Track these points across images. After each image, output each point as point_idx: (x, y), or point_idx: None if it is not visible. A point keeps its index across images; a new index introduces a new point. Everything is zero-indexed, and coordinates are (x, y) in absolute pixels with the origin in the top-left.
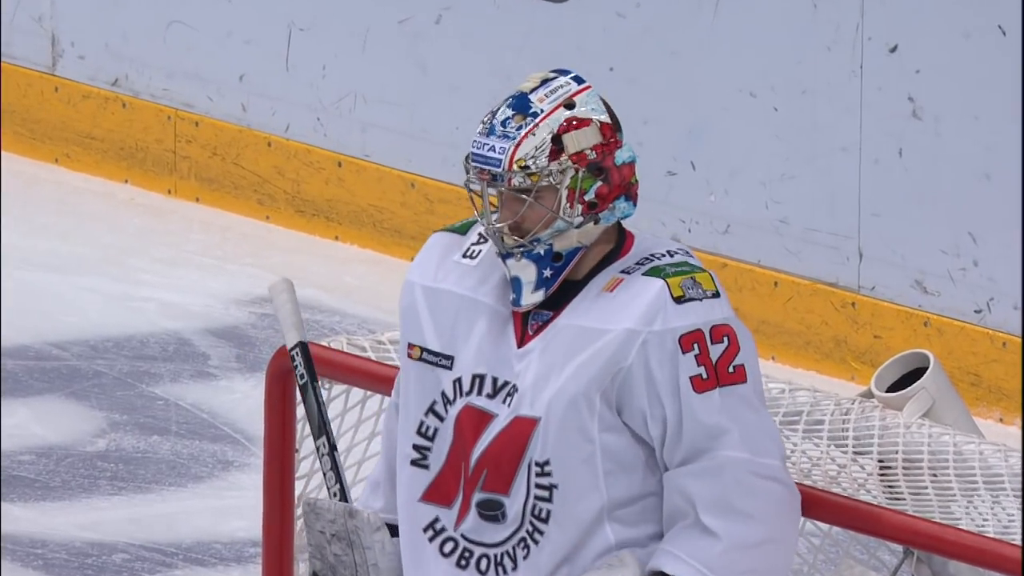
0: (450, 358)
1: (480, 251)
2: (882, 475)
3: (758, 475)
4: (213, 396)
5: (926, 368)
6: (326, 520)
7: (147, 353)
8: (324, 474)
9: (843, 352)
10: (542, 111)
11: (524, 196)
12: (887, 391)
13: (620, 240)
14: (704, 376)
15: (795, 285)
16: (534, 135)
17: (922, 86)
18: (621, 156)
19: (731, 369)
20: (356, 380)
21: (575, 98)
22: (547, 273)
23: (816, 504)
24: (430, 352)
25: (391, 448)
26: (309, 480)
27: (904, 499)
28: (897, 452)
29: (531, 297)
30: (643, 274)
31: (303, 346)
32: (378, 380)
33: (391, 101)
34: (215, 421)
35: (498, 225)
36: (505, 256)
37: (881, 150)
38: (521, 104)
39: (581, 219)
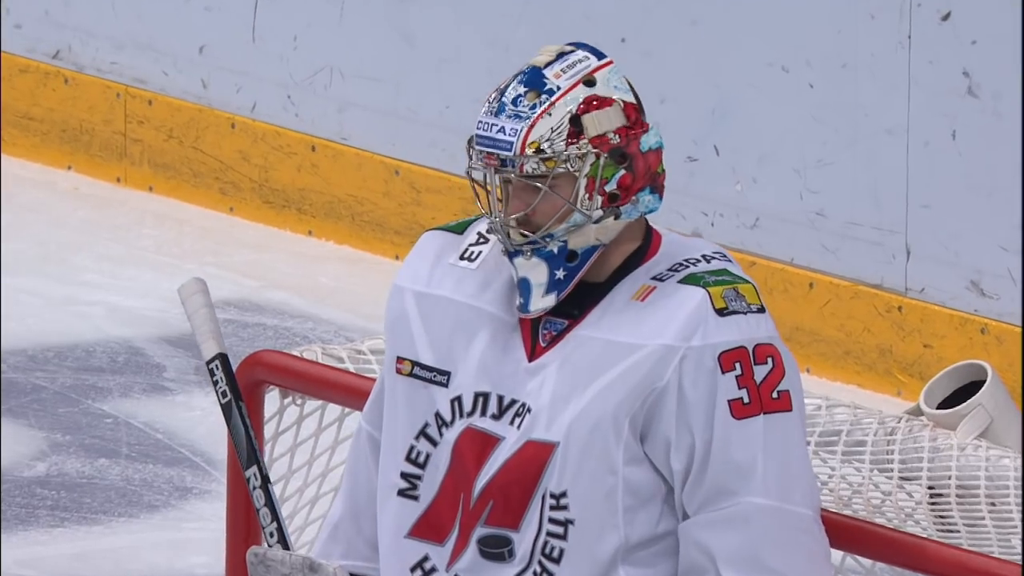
0: (446, 374)
1: (480, 253)
2: (932, 504)
3: (789, 527)
4: (169, 413)
5: (983, 382)
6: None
7: (93, 364)
8: (257, 511)
9: (888, 363)
10: (559, 88)
11: (537, 184)
12: (938, 408)
13: (647, 239)
14: (746, 401)
15: (833, 287)
16: (550, 115)
17: (979, 59)
18: (647, 141)
19: (775, 395)
20: (332, 395)
21: (595, 74)
22: (560, 274)
23: (857, 537)
24: (423, 367)
25: (357, 481)
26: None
27: (958, 531)
28: (950, 477)
29: (541, 302)
30: (679, 282)
31: (223, 359)
32: (357, 395)
33: (372, 76)
34: (171, 442)
35: (506, 218)
36: (512, 254)
37: (932, 132)
38: (535, 80)
39: (600, 212)
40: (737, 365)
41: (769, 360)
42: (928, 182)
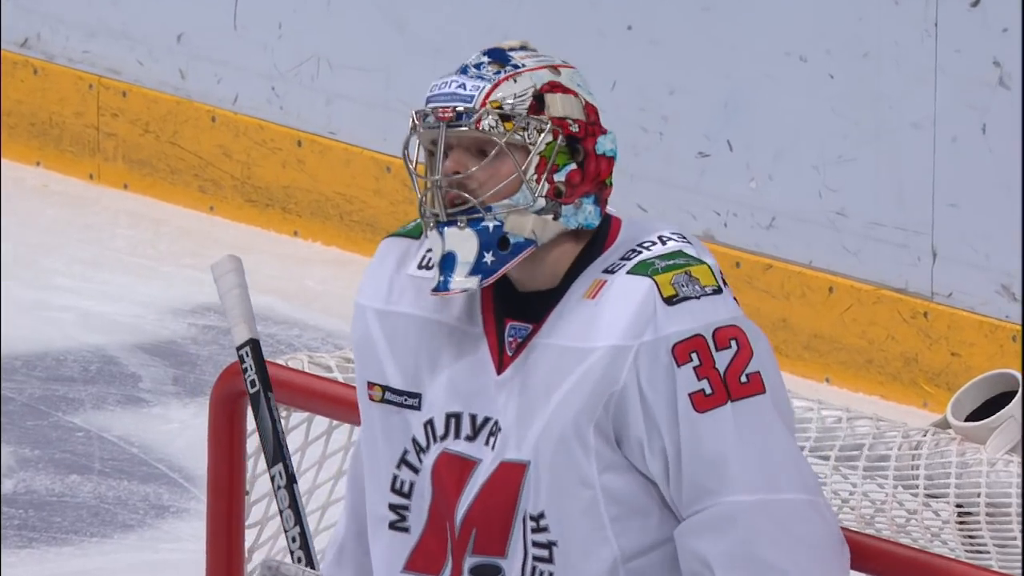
0: (416, 396)
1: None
2: (961, 523)
3: (780, 519)
4: (145, 426)
5: (1014, 392)
6: None
7: (64, 374)
8: (280, 512)
9: (913, 373)
10: (524, 65)
11: (492, 140)
12: (967, 420)
13: (603, 230)
14: (708, 391)
15: (855, 291)
16: (515, 81)
17: (1010, 47)
18: (604, 145)
19: (744, 378)
20: (319, 407)
21: (560, 69)
22: (488, 258)
23: (881, 558)
24: (393, 391)
25: (358, 498)
26: (262, 529)
27: (988, 552)
28: (979, 495)
29: (463, 282)
30: (628, 272)
31: (255, 345)
32: (346, 406)
33: (362, 66)
34: (147, 457)
35: (445, 176)
36: (443, 224)
37: (960, 126)
38: (499, 55)
39: (543, 202)
40: (693, 355)
41: (732, 343)
42: (956, 179)
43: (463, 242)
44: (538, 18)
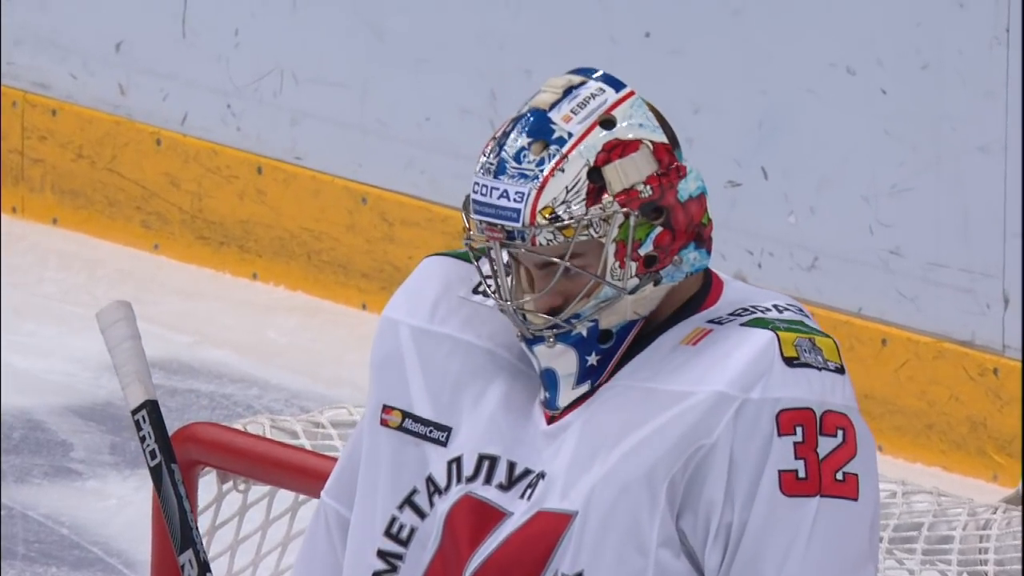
0: (446, 430)
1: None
2: None
3: None
4: (77, 503)
5: None
6: None
7: None
8: None
9: (980, 439)
10: (570, 135)
11: (555, 260)
12: None
13: (705, 286)
14: (801, 475)
15: (912, 344)
16: (563, 171)
17: None
18: (686, 189)
19: (840, 476)
20: (284, 479)
21: (614, 111)
22: (592, 360)
23: None
24: (416, 419)
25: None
26: None
27: None
28: None
29: (570, 395)
30: (743, 325)
31: (153, 407)
32: (315, 478)
33: (333, 81)
34: (80, 539)
35: (521, 302)
36: (531, 342)
37: None
38: (539, 127)
39: (636, 281)
40: (798, 430)
41: (839, 433)
42: None
43: (558, 357)
44: (539, 24)
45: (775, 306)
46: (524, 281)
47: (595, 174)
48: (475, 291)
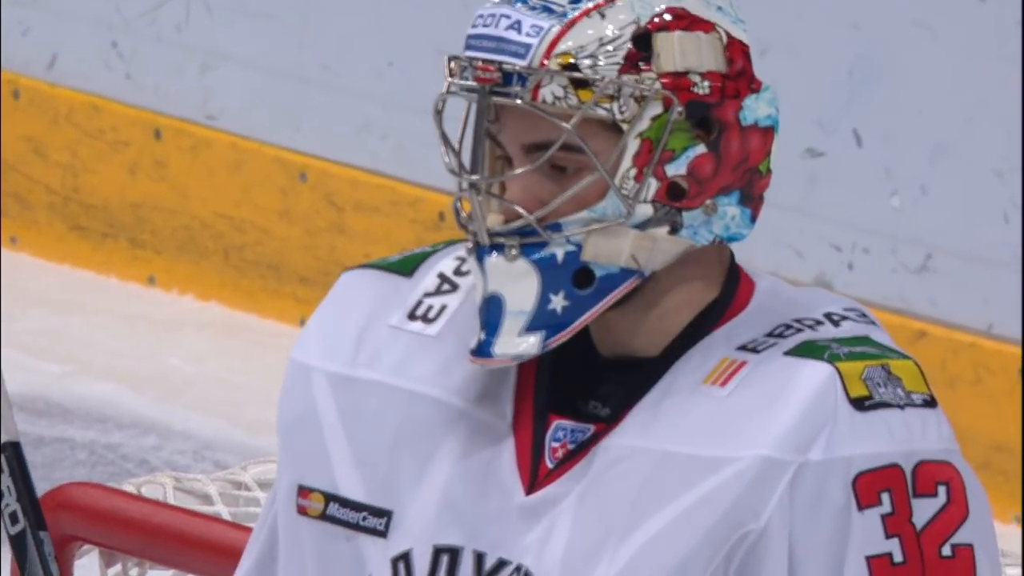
0: (385, 514)
1: (444, 308)
2: None
3: None
4: None
5: None
6: None
7: None
8: None
9: None
10: None
11: (557, 121)
12: None
13: (728, 287)
14: (898, 559)
15: None
16: (603, 15)
17: None
18: (753, 110)
19: (948, 550)
20: (191, 560)
21: None
22: (557, 302)
23: None
24: (344, 503)
25: None
26: None
27: None
28: None
29: (514, 343)
30: (787, 353)
31: (14, 451)
32: (231, 558)
33: (259, 9)
34: None
35: (488, 180)
36: (483, 251)
37: None
38: None
39: (649, 211)
40: (884, 497)
41: (939, 490)
42: None
43: (515, 280)
44: None
45: (828, 316)
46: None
47: (643, 40)
48: (412, 315)
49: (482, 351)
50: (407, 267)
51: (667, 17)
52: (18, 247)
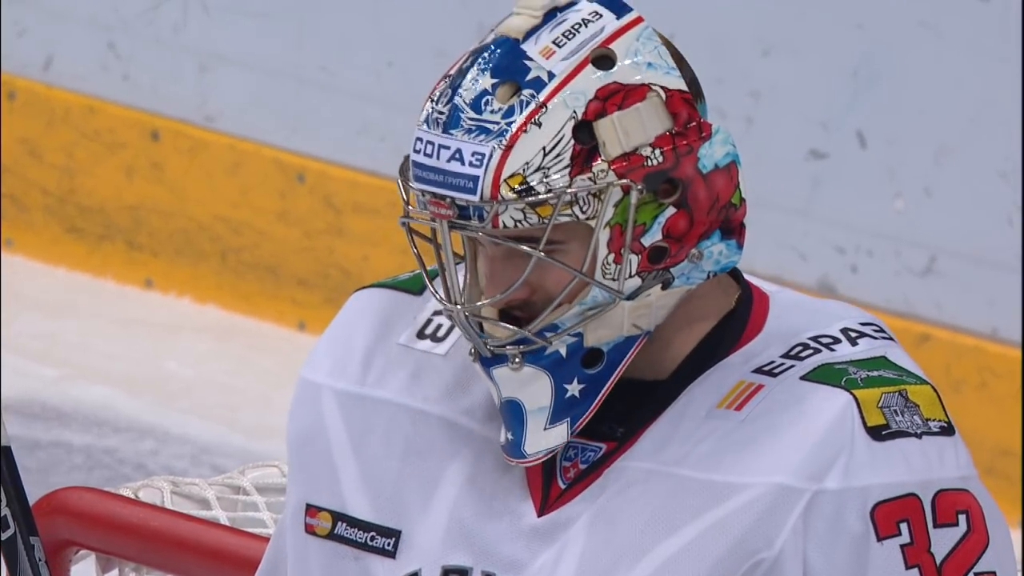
0: (394, 534)
1: (454, 327)
2: None
3: None
4: None
5: None
6: None
7: None
8: None
9: None
10: (551, 76)
11: (525, 248)
12: None
13: (741, 304)
14: None
15: None
16: (539, 125)
17: None
18: (711, 155)
19: None
20: (190, 565)
21: (613, 44)
22: (574, 390)
23: None
24: (353, 523)
25: None
26: None
27: None
28: None
29: (544, 438)
30: (804, 378)
31: (6, 454)
32: (234, 564)
33: (257, 11)
34: None
35: (477, 304)
36: (488, 362)
37: None
38: (509, 63)
39: (638, 282)
40: (903, 528)
41: (960, 519)
42: None
43: (527, 384)
44: None
45: (845, 332)
46: (483, 276)
47: (584, 131)
48: (421, 334)
49: (515, 453)
50: (417, 285)
51: (601, 101)
52: (13, 249)
